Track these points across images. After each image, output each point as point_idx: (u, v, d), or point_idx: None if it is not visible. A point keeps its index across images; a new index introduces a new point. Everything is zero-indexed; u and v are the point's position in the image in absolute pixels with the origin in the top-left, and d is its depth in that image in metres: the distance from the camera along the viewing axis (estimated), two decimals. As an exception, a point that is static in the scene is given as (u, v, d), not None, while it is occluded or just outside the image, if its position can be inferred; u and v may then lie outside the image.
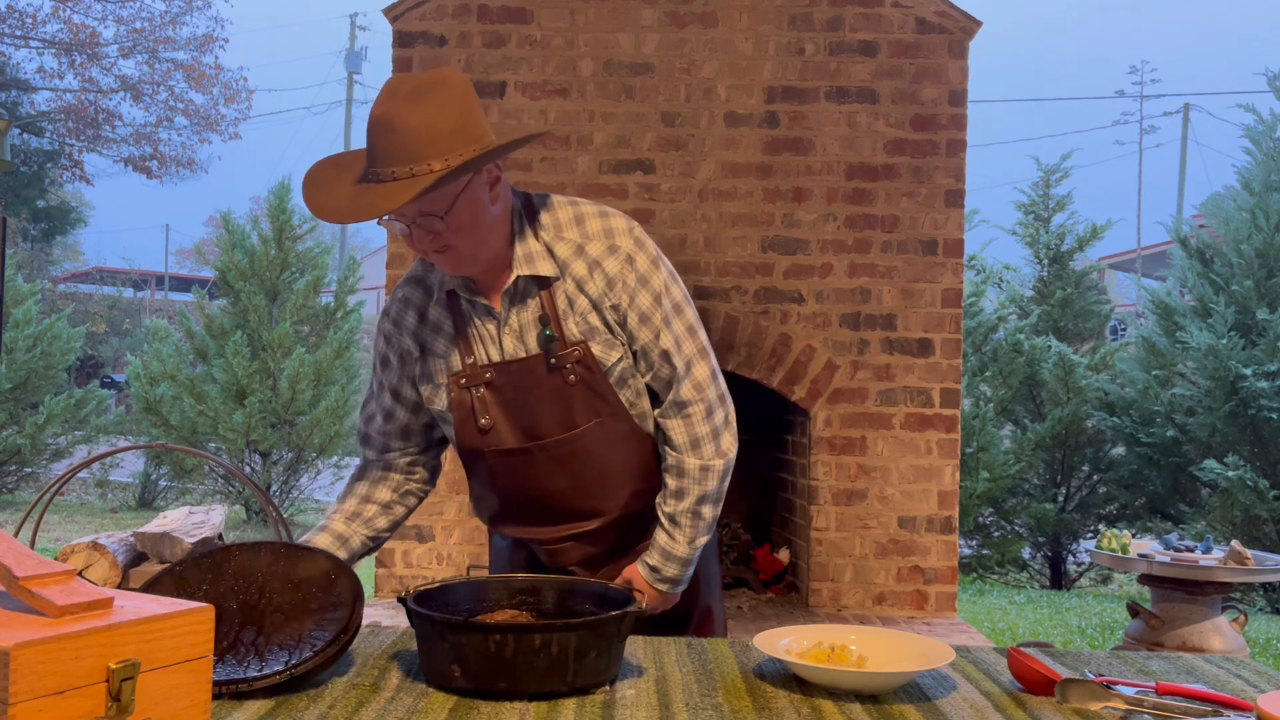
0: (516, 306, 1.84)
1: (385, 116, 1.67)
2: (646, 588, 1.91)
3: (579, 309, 1.84)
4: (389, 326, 1.93)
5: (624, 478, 1.91)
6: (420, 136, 1.66)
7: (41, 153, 20.82)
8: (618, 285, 1.85)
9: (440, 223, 1.72)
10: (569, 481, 1.88)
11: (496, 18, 4.80)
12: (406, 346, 1.91)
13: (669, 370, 1.87)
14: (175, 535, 4.86)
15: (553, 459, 1.86)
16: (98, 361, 21.04)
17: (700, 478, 1.89)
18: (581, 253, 1.85)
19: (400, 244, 4.78)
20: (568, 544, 1.95)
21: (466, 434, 1.87)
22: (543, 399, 1.84)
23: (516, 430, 1.86)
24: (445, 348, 1.88)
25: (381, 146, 1.67)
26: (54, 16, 20.43)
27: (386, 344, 1.94)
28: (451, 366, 1.87)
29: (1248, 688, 1.58)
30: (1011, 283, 9.24)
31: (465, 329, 1.86)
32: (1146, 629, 4.00)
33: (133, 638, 1.08)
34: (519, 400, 1.85)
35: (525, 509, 1.93)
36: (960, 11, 4.79)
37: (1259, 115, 8.09)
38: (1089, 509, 8.36)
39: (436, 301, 1.89)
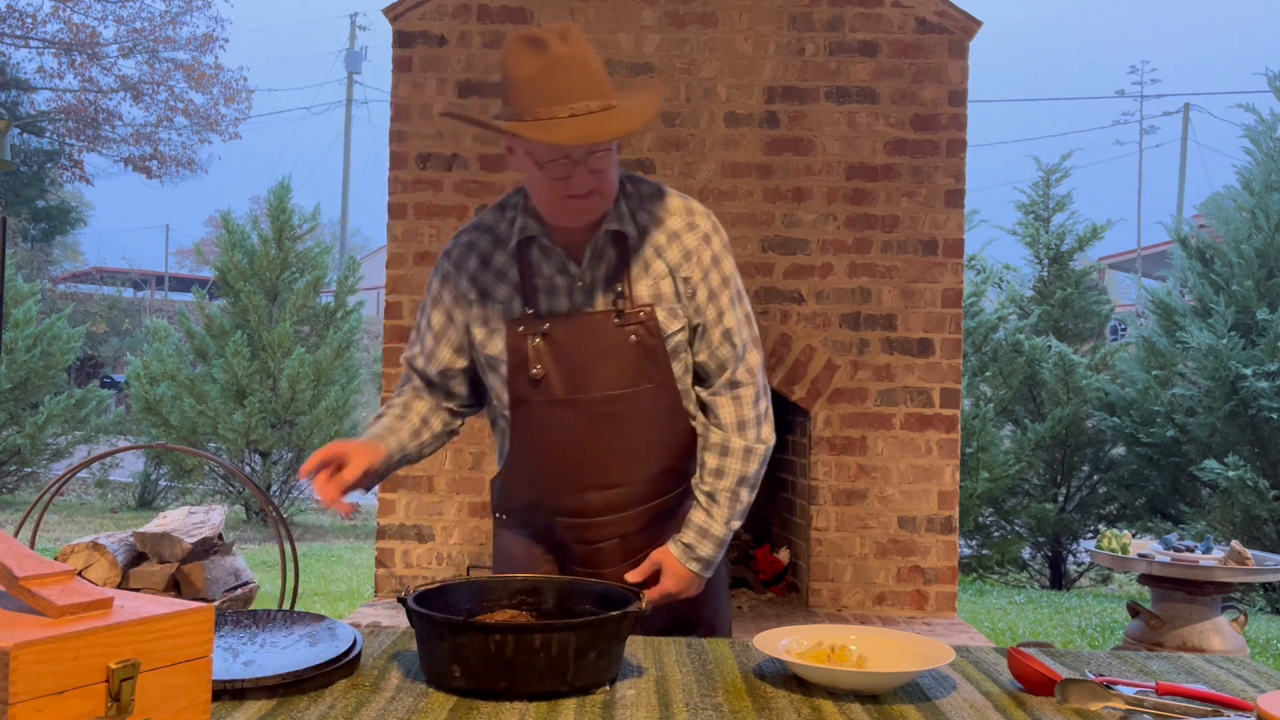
0: (593, 262, 1.91)
1: (573, 56, 1.77)
2: (676, 569, 1.93)
3: (653, 273, 1.92)
4: (448, 267, 1.98)
5: (658, 450, 1.95)
6: (602, 74, 1.79)
7: (41, 153, 20.83)
8: (693, 259, 1.93)
9: (607, 157, 1.81)
10: (608, 442, 1.91)
11: (496, 18, 4.80)
12: (463, 289, 1.95)
13: (729, 350, 1.94)
14: (175, 535, 4.87)
15: (597, 416, 1.89)
16: (98, 361, 21.04)
17: (744, 458, 1.94)
18: (662, 224, 1.94)
19: (400, 244, 4.78)
20: (597, 519, 1.94)
21: (517, 381, 1.90)
22: (600, 355, 1.89)
23: (567, 383, 1.89)
24: (507, 294, 1.92)
25: (578, 80, 1.76)
26: (54, 16, 20.43)
27: (442, 284, 1.98)
28: (511, 313, 1.91)
29: (1248, 688, 1.58)
30: (1011, 283, 9.24)
31: (531, 279, 1.91)
32: (1146, 629, 4.00)
33: (133, 638, 1.08)
34: (575, 354, 1.89)
35: (557, 470, 1.93)
36: (960, 11, 4.79)
37: (1259, 115, 8.09)
38: (1089, 509, 8.36)
39: (505, 250, 1.93)
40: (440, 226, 4.77)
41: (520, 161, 1.86)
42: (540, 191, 1.85)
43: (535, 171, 1.83)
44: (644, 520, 1.97)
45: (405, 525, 4.76)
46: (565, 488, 1.94)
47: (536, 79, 1.76)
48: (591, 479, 1.92)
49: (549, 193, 1.83)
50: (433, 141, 4.79)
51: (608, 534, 1.96)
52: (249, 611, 1.68)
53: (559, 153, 1.78)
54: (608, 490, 1.93)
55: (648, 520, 1.97)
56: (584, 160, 1.80)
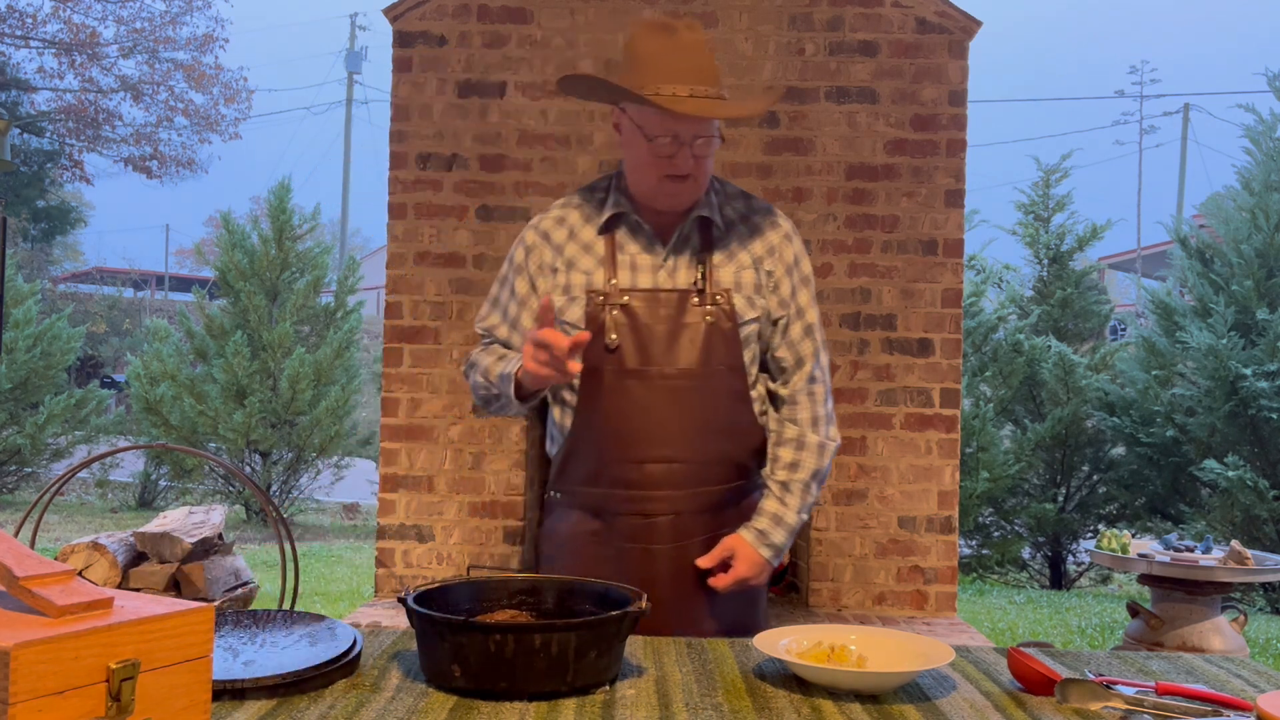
0: (679, 245, 2.01)
1: (698, 43, 1.92)
2: (749, 554, 1.98)
3: (736, 262, 2.02)
4: (534, 238, 2.06)
5: (721, 434, 2.00)
6: (717, 68, 1.93)
7: (41, 153, 20.82)
8: (776, 254, 2.04)
9: (709, 145, 1.93)
10: (673, 417, 1.96)
11: (496, 18, 4.80)
12: (547, 259, 2.03)
13: (809, 346, 2.06)
14: (175, 535, 4.87)
15: (666, 390, 1.96)
16: (98, 361, 21.03)
17: (818, 453, 2.04)
18: (747, 219, 2.06)
19: (400, 244, 4.78)
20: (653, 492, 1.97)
21: (591, 348, 1.94)
22: (675, 331, 1.96)
23: (640, 354, 1.96)
24: (591, 266, 2.00)
25: (700, 65, 1.90)
26: (54, 16, 20.43)
27: (527, 254, 2.06)
28: (593, 284, 1.99)
29: (1248, 688, 1.58)
30: (1011, 283, 9.24)
31: (616, 254, 2.01)
32: (1146, 629, 4.00)
33: (133, 638, 1.08)
34: (651, 327, 1.96)
35: (621, 439, 1.97)
36: (960, 11, 4.79)
37: (1259, 115, 8.09)
38: (1089, 509, 8.36)
39: (593, 226, 2.03)
40: (440, 226, 4.77)
41: (627, 137, 1.97)
42: (642, 168, 1.96)
43: (642, 146, 1.93)
44: (699, 503, 2.01)
45: (405, 525, 4.76)
46: (627, 457, 1.97)
47: (662, 57, 1.89)
48: (652, 451, 1.97)
49: (651, 170, 1.94)
50: (433, 141, 4.79)
51: (662, 509, 1.99)
52: (249, 611, 1.68)
53: (669, 131, 1.90)
54: (668, 464, 1.97)
55: (703, 504, 2.01)
56: (690, 143, 1.91)
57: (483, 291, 4.72)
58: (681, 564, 2.00)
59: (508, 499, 4.73)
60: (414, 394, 4.76)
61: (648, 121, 1.92)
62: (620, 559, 2.00)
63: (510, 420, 4.71)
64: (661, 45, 1.90)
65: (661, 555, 1.99)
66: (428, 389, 4.75)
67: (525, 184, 4.74)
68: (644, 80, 1.89)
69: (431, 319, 4.77)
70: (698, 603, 2.02)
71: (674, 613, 1.96)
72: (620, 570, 1.96)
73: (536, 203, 4.72)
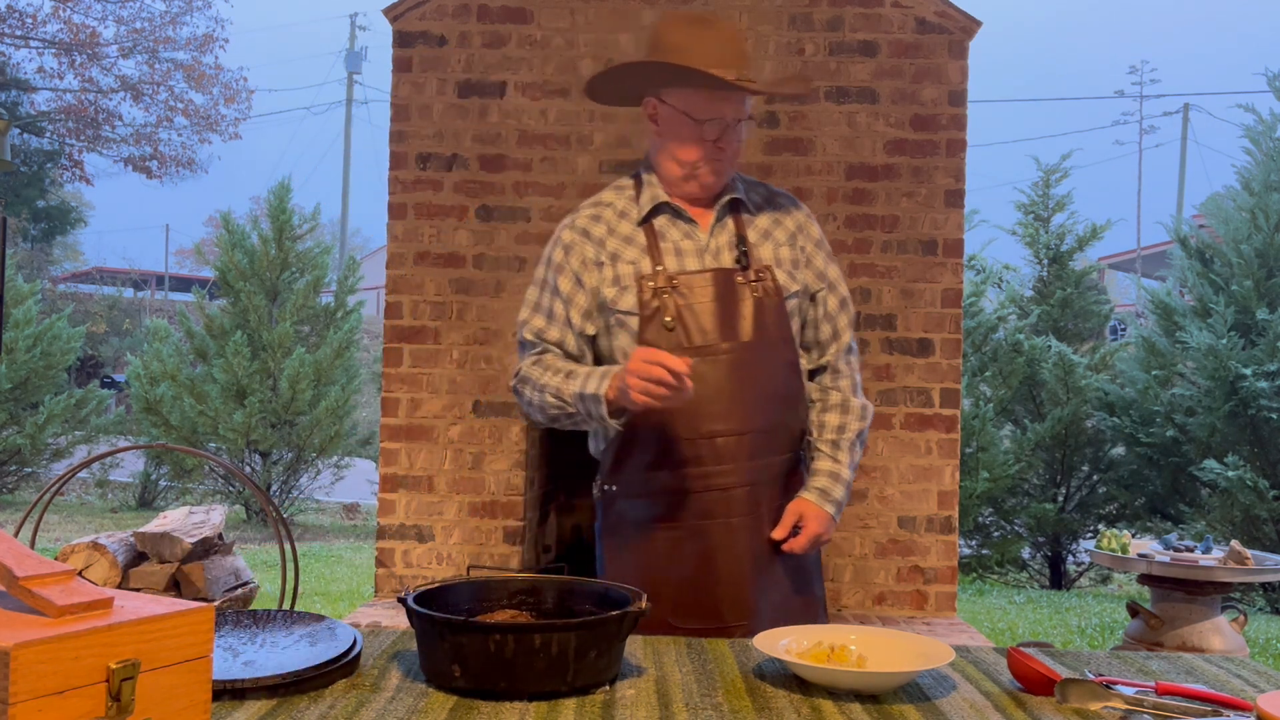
0: (716, 229, 2.09)
1: (735, 33, 2.02)
2: (817, 512, 2.07)
3: (772, 240, 2.12)
4: (573, 236, 2.10)
5: (781, 404, 2.08)
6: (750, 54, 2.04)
7: (41, 153, 20.82)
8: (804, 232, 2.16)
9: (741, 132, 2.04)
10: (738, 389, 2.01)
11: (496, 18, 4.80)
12: (589, 255, 2.08)
13: (845, 318, 2.17)
14: (175, 535, 4.87)
15: (729, 363, 2.01)
16: (98, 361, 21.03)
17: (861, 415, 2.16)
18: (771, 201, 2.18)
19: (400, 244, 4.78)
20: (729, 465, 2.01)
21: (650, 330, 2.01)
22: (727, 308, 2.02)
23: (699, 332, 2.01)
24: (636, 256, 2.07)
25: (741, 52, 2.01)
26: (54, 16, 20.42)
27: (567, 253, 2.09)
28: (641, 271, 2.05)
29: (1247, 688, 1.58)
30: (1011, 283, 9.23)
31: (658, 242, 2.07)
32: (1146, 629, 4.00)
33: (133, 638, 1.08)
34: (704, 306, 2.02)
35: (690, 416, 1.99)
36: (960, 12, 4.79)
37: (1259, 115, 8.09)
38: (1089, 509, 8.36)
39: (630, 220, 2.10)
40: (440, 226, 4.77)
41: (667, 125, 2.05)
42: (683, 151, 2.03)
43: (688, 130, 2.02)
44: (769, 473, 2.07)
45: (405, 525, 4.76)
46: (698, 433, 2.01)
47: (702, 44, 1.97)
48: (722, 425, 2.01)
49: (695, 153, 2.02)
50: (433, 141, 4.79)
51: (737, 481, 2.04)
52: (249, 611, 1.68)
53: (717, 113, 1.99)
54: (738, 436, 2.02)
55: (772, 474, 2.08)
56: (733, 126, 2.01)
57: (483, 291, 4.72)
58: (759, 535, 2.07)
59: (508, 499, 4.73)
60: (414, 394, 4.76)
61: (695, 105, 2.00)
62: (698, 537, 2.04)
63: (510, 420, 4.71)
64: (699, 33, 1.98)
65: (740, 528, 2.04)
66: (428, 389, 4.75)
67: (525, 184, 4.74)
68: (690, 64, 1.96)
69: (431, 319, 4.77)
70: (775, 571, 2.10)
71: (756, 586, 2.06)
72: (701, 548, 2.02)
73: (536, 203, 4.72)
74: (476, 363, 4.72)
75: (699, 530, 2.03)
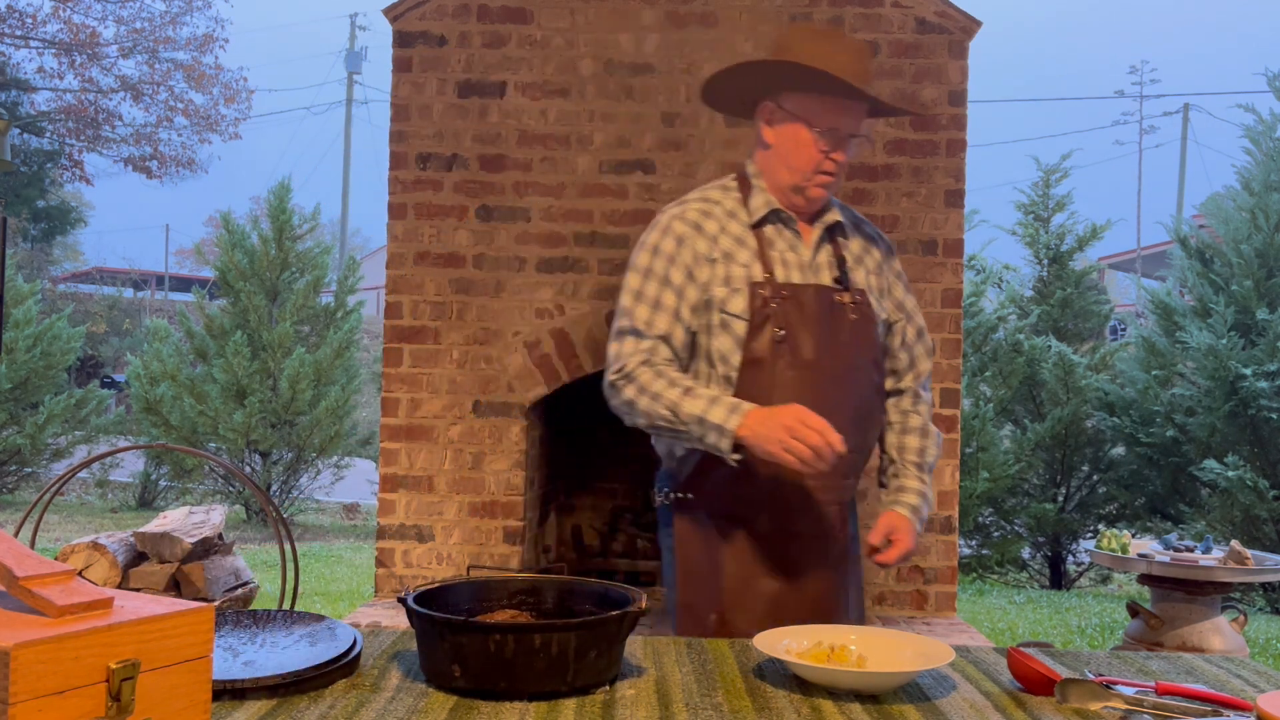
0: (818, 245, 2.09)
1: (863, 49, 2.02)
2: (909, 527, 2.11)
3: (864, 265, 2.13)
4: (684, 229, 2.06)
5: (869, 424, 2.11)
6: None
7: (41, 153, 20.82)
8: (887, 264, 2.19)
9: (859, 145, 2.04)
10: (838, 406, 1.99)
11: (496, 18, 4.80)
12: (702, 249, 2.04)
13: (923, 347, 2.23)
14: (175, 535, 4.87)
15: (833, 380, 2.02)
16: (98, 361, 21.03)
17: (937, 442, 2.21)
18: (859, 228, 2.18)
19: (400, 244, 4.78)
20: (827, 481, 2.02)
21: (757, 341, 1.99)
22: (832, 325, 2.03)
23: (806, 346, 2.01)
24: (748, 260, 2.04)
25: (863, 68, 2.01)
26: (54, 16, 20.42)
27: (679, 245, 2.04)
28: (752, 276, 2.02)
29: (1247, 688, 1.58)
30: (1011, 283, 9.23)
31: (768, 250, 2.05)
32: (1146, 629, 4.00)
33: (133, 638, 1.08)
34: (811, 321, 2.02)
35: None
36: (960, 12, 4.79)
37: (1259, 115, 8.09)
38: (1089, 509, 8.36)
39: (738, 221, 2.07)
40: (440, 226, 4.77)
41: (783, 130, 2.04)
42: (794, 158, 2.02)
43: (802, 137, 2.01)
44: (850, 493, 2.12)
45: (405, 525, 4.76)
46: None
47: (832, 56, 1.96)
48: None
49: (808, 162, 2.01)
50: (433, 141, 4.79)
51: (833, 499, 2.07)
52: (249, 611, 1.68)
53: (834, 123, 1.99)
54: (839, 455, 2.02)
55: (851, 494, 2.13)
56: (846, 140, 2.01)
57: (483, 291, 4.72)
58: (843, 551, 2.12)
59: (508, 499, 4.73)
60: (414, 394, 4.76)
61: (814, 112, 1.99)
62: (789, 551, 2.05)
63: (510, 420, 4.71)
64: (827, 44, 1.98)
65: (830, 544, 2.08)
66: (428, 389, 4.75)
67: (525, 184, 4.75)
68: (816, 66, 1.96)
69: (431, 319, 4.77)
70: (851, 585, 2.17)
71: (841, 602, 2.11)
72: (791, 562, 2.04)
73: (536, 203, 4.72)
74: (476, 363, 4.72)
75: (791, 545, 2.05)
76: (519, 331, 4.71)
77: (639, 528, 5.21)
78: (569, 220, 4.71)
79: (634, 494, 5.41)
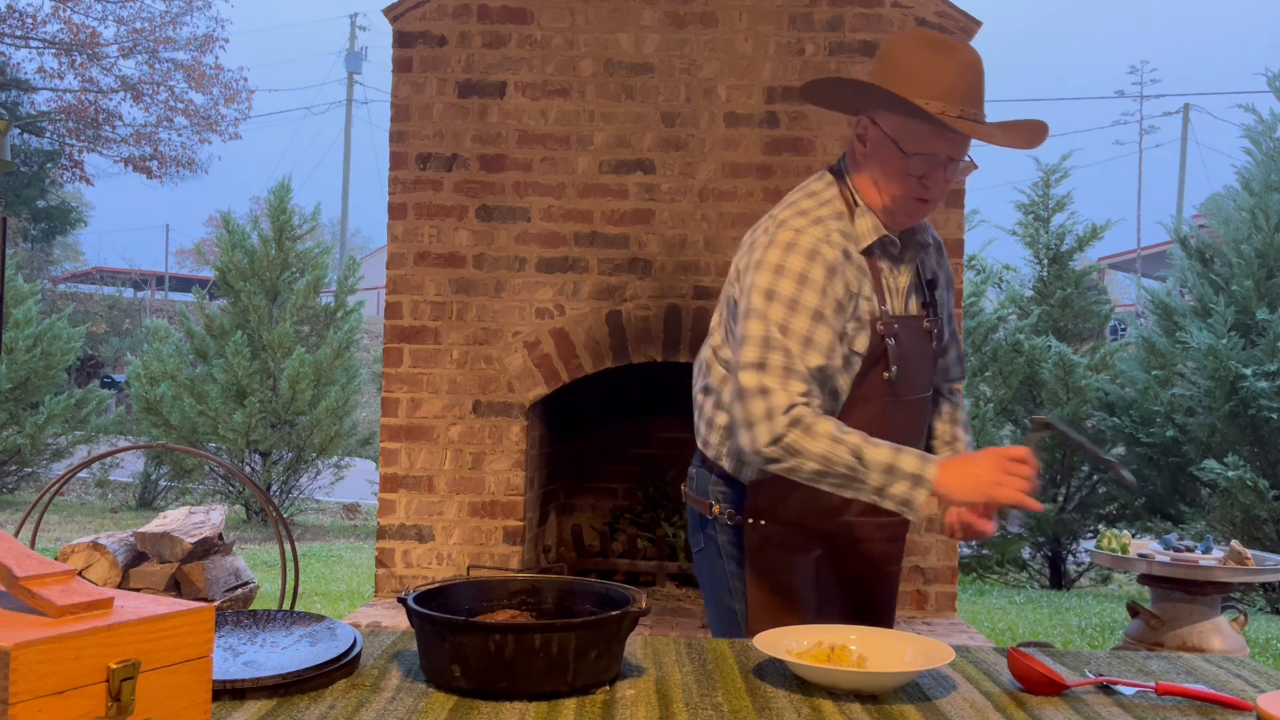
0: (906, 270, 2.00)
1: (976, 64, 1.86)
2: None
3: (939, 284, 2.07)
4: (838, 257, 1.87)
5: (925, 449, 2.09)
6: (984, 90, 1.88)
7: (41, 153, 20.82)
8: (946, 268, 2.11)
9: (954, 171, 1.89)
10: (917, 439, 2.01)
11: (496, 18, 4.80)
12: (849, 280, 1.89)
13: (958, 350, 2.18)
14: (175, 535, 4.87)
15: (917, 413, 2.00)
16: (98, 361, 21.03)
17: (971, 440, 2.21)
18: (928, 231, 2.06)
19: (400, 244, 4.78)
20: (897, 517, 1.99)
21: (871, 379, 1.91)
22: (921, 358, 1.99)
23: (904, 383, 1.95)
24: (870, 292, 1.92)
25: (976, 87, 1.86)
26: (54, 16, 20.42)
27: (830, 274, 1.85)
28: (874, 311, 1.92)
29: (1248, 688, 1.58)
30: (1011, 283, 9.23)
31: (880, 279, 1.94)
32: (1146, 629, 4.00)
33: (133, 638, 1.08)
34: (909, 356, 1.95)
35: None
36: (960, 11, 4.79)
37: (1259, 115, 8.09)
38: (1089, 509, 8.36)
39: (856, 244, 1.92)
40: (440, 226, 4.77)
41: (876, 149, 1.89)
42: (889, 181, 1.88)
43: (894, 161, 1.86)
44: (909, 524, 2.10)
45: (405, 525, 4.76)
46: None
47: (937, 72, 1.82)
48: None
49: (898, 185, 1.88)
50: (433, 141, 4.79)
51: (903, 531, 2.09)
52: (249, 611, 1.68)
53: (930, 149, 1.84)
54: None
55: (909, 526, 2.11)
56: (944, 165, 1.86)
57: (483, 291, 4.72)
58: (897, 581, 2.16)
59: (508, 499, 4.73)
60: (414, 394, 4.76)
61: (906, 136, 1.84)
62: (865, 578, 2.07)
63: (510, 420, 4.71)
64: (937, 61, 1.83)
65: (895, 575, 2.12)
66: (428, 389, 4.75)
67: (525, 184, 4.75)
68: (913, 93, 1.81)
69: (431, 319, 4.77)
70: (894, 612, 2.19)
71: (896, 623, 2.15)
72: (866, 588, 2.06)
73: (536, 203, 4.72)
74: (476, 363, 4.72)
75: (865, 577, 2.06)
76: (519, 331, 4.71)
77: (639, 528, 5.21)
78: (569, 220, 4.71)
79: (634, 494, 5.41)
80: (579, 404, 5.17)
